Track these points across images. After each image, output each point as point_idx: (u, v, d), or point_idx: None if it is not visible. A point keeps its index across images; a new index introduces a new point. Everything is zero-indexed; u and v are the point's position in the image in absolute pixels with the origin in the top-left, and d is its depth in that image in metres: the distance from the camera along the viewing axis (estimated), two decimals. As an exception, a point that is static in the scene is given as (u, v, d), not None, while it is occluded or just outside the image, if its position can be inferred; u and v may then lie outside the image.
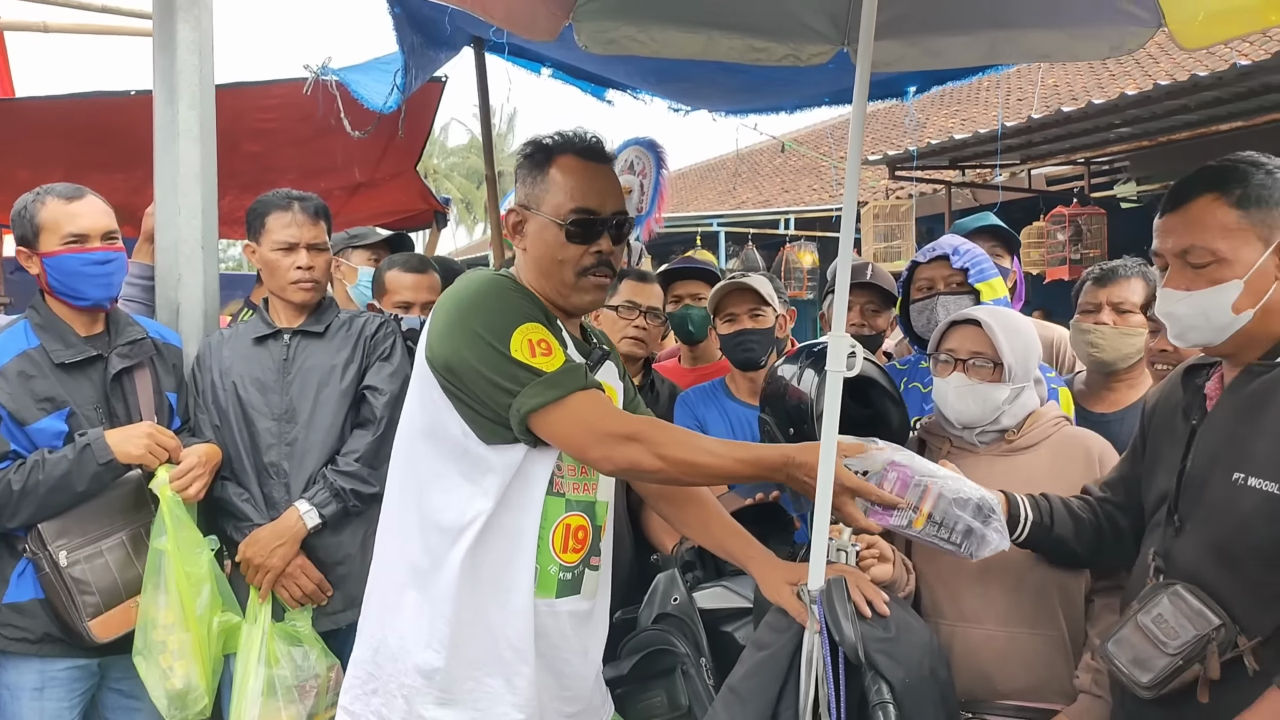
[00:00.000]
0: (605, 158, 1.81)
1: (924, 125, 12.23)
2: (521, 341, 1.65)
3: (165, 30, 2.48)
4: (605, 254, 1.76)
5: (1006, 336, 1.98)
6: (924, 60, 2.60)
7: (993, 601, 1.91)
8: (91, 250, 2.20)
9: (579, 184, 1.75)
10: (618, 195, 1.80)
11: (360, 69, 3.94)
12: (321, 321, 2.46)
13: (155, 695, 2.15)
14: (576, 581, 1.78)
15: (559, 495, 1.74)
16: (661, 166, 4.81)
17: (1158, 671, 1.52)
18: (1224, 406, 1.59)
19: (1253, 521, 1.48)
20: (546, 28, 2.36)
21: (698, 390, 2.88)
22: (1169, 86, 6.33)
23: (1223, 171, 1.56)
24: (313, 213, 2.45)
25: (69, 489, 2.10)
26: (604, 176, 1.79)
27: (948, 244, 2.53)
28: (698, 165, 19.87)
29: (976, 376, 1.99)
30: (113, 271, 2.24)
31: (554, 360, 1.65)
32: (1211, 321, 1.55)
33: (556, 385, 1.63)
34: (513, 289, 1.74)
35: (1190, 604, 1.51)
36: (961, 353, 2.02)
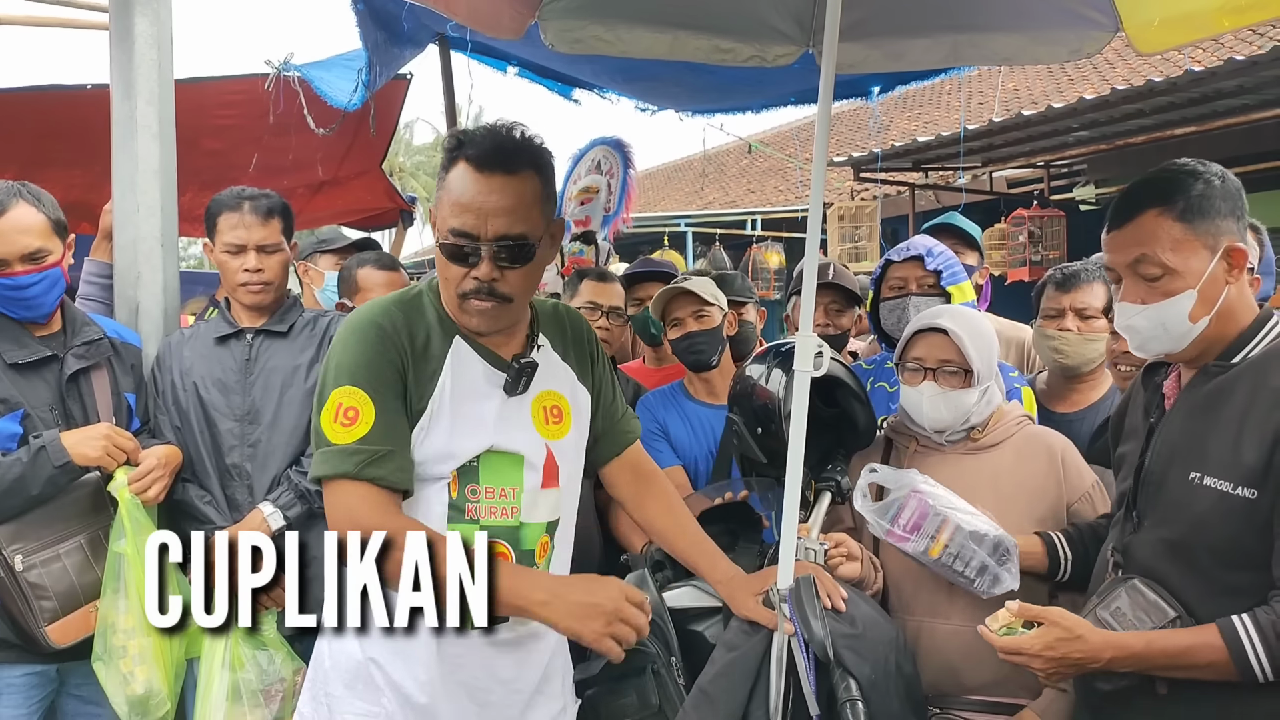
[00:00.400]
0: (511, 166, 1.56)
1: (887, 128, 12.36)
2: (333, 404, 1.59)
3: (123, 24, 2.43)
4: (485, 281, 1.58)
5: (973, 341, 2.01)
6: (887, 63, 2.64)
7: (959, 597, 1.93)
8: (10, 275, 2.11)
9: (462, 200, 1.56)
10: (511, 215, 1.55)
11: (323, 65, 3.91)
12: (285, 321, 2.43)
13: (116, 701, 2.10)
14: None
15: (471, 521, 1.64)
16: (629, 166, 4.82)
17: None
18: (1181, 406, 1.63)
19: (1208, 519, 1.51)
20: (511, 26, 2.35)
21: (658, 393, 2.89)
22: (1125, 91, 6.46)
23: (1164, 184, 1.58)
24: (264, 212, 2.40)
25: (23, 492, 2.05)
26: (498, 191, 1.55)
27: (922, 245, 2.55)
28: (665, 165, 19.91)
29: (947, 384, 2.02)
30: (37, 294, 2.14)
31: (351, 433, 1.57)
32: (1170, 332, 1.58)
33: (329, 463, 1.57)
34: (372, 333, 1.61)
35: (1147, 597, 1.54)
36: (930, 361, 2.04)
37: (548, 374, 1.76)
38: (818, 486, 2.08)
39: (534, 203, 1.59)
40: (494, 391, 1.68)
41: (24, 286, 2.12)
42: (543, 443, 1.71)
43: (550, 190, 1.65)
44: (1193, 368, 1.63)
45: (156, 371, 2.38)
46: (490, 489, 1.65)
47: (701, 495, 2.40)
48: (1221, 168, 1.59)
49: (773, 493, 2.14)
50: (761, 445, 2.12)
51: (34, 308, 2.16)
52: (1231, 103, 6.45)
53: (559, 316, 1.85)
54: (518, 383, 1.67)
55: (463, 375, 1.66)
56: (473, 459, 1.65)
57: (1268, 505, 1.45)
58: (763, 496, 2.21)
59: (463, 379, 1.66)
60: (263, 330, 2.40)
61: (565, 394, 1.76)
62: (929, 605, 1.98)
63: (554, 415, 1.74)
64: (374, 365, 1.60)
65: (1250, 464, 1.47)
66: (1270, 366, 1.52)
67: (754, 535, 2.21)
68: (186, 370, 2.34)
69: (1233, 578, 1.50)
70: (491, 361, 1.68)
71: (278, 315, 2.43)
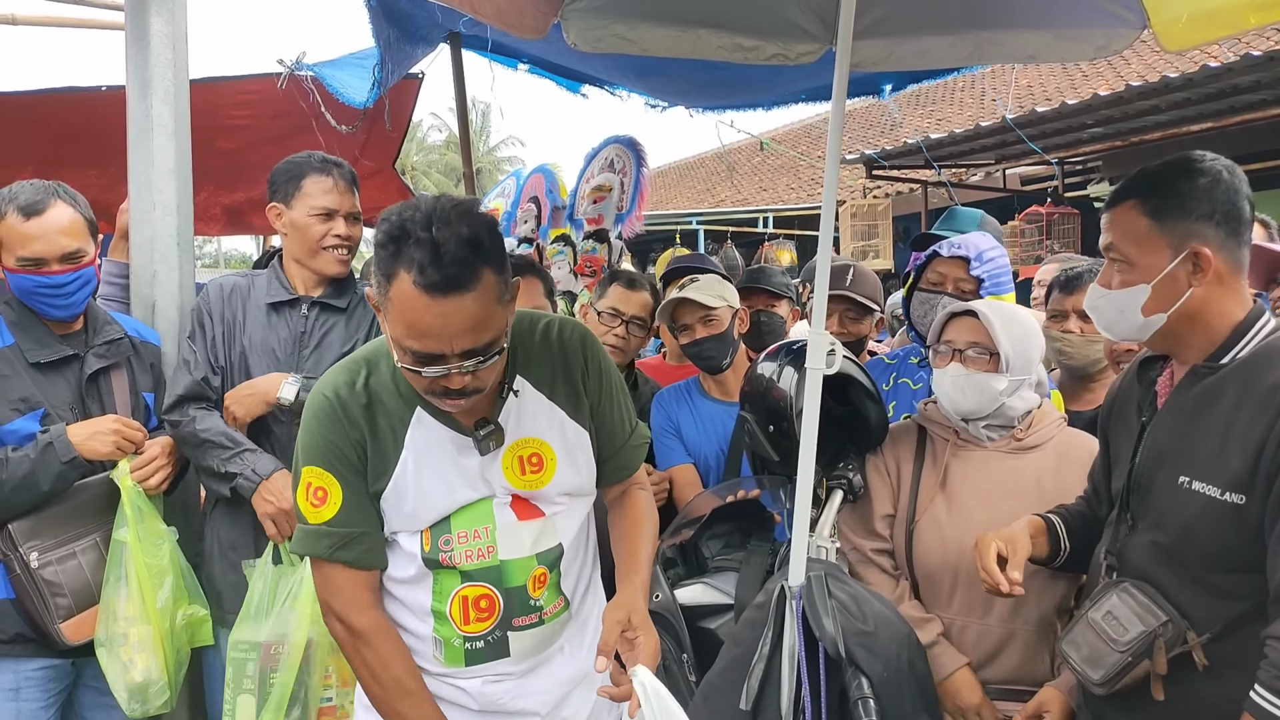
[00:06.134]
0: (463, 283, 1.37)
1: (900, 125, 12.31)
2: (304, 484, 1.59)
3: (138, 23, 2.44)
4: (455, 389, 1.47)
5: (1004, 326, 1.99)
6: (910, 60, 2.62)
7: (999, 600, 1.92)
8: (46, 274, 2.11)
9: (419, 325, 1.40)
10: (476, 330, 1.41)
11: (336, 64, 3.92)
12: (343, 296, 2.37)
13: (116, 688, 2.10)
14: (496, 647, 1.64)
15: (448, 568, 1.61)
16: (641, 165, 4.83)
17: (1109, 668, 1.54)
18: (1172, 406, 1.61)
19: (1197, 525, 1.50)
20: (535, 25, 2.36)
21: (671, 390, 2.89)
22: (1141, 87, 6.41)
23: (1150, 178, 1.60)
24: (350, 180, 2.38)
25: (33, 488, 2.06)
26: (456, 313, 1.38)
27: (974, 246, 2.45)
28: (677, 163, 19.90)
29: (973, 366, 2.00)
30: (72, 292, 2.15)
31: (321, 514, 1.58)
32: (1127, 320, 1.61)
33: (304, 543, 1.61)
34: (327, 415, 1.57)
35: (1139, 600, 1.54)
36: (959, 343, 2.02)
37: (526, 420, 1.64)
38: (829, 484, 2.08)
39: (493, 304, 1.43)
40: (466, 455, 1.61)
41: (61, 285, 2.13)
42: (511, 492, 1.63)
43: (503, 271, 1.45)
44: (1183, 365, 1.63)
45: (206, 317, 2.31)
46: (463, 533, 1.61)
47: (712, 493, 2.40)
48: (1233, 167, 1.58)
49: (784, 491, 2.14)
50: (773, 443, 2.11)
51: (68, 307, 2.17)
52: (1249, 98, 6.40)
53: (548, 346, 1.69)
54: (486, 445, 1.59)
55: (425, 449, 1.60)
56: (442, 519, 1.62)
57: (1257, 511, 1.43)
58: (774, 494, 2.21)
59: (426, 453, 1.60)
60: (319, 302, 2.35)
61: (550, 439, 1.66)
62: (966, 604, 1.97)
63: (532, 464, 1.64)
64: (335, 447, 1.57)
65: (1237, 469, 1.45)
66: (1257, 368, 1.50)
67: (765, 533, 2.22)
68: (234, 328, 2.29)
69: (1224, 581, 1.49)
70: (456, 428, 1.60)
71: (336, 288, 2.38)
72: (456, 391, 1.47)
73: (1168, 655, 1.50)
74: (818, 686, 1.70)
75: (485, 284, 1.41)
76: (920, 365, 2.60)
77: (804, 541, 1.80)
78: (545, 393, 1.66)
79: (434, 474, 1.59)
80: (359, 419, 1.57)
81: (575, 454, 1.68)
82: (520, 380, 1.64)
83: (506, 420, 1.62)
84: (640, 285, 3.06)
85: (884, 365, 2.69)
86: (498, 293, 1.44)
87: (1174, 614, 1.50)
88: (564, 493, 1.68)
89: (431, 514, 1.61)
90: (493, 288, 1.42)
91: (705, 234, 12.06)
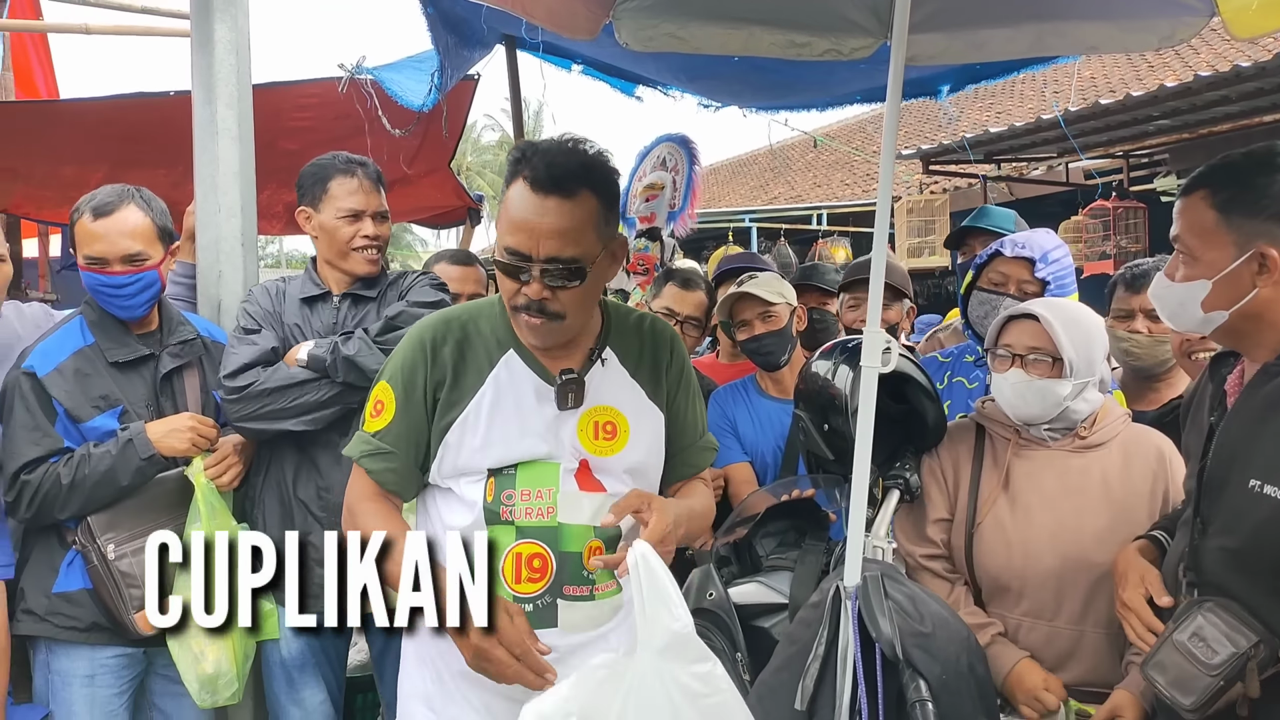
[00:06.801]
0: (567, 188, 1.54)
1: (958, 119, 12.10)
2: (373, 394, 1.72)
3: (203, 30, 2.51)
4: (535, 299, 1.58)
5: (1066, 330, 1.93)
6: (967, 53, 2.57)
7: (1068, 601, 1.90)
8: (109, 274, 2.18)
9: (517, 219, 1.56)
10: (563, 237, 1.54)
11: (394, 67, 3.99)
12: (372, 286, 2.42)
13: (187, 678, 2.17)
14: (544, 613, 1.65)
15: (507, 523, 1.65)
16: (694, 162, 4.82)
17: (1200, 693, 1.47)
18: (1242, 406, 1.56)
19: (1267, 530, 1.44)
20: (587, 26, 2.37)
21: (728, 388, 2.88)
22: (1210, 77, 6.20)
23: (1227, 168, 1.54)
24: (376, 179, 2.41)
25: (113, 483, 2.14)
26: (552, 213, 1.54)
27: (1039, 246, 2.38)
28: (730, 161, 19.81)
29: (1035, 372, 1.94)
30: (131, 294, 2.21)
31: (374, 424, 1.70)
32: (1188, 313, 1.57)
33: (352, 445, 1.72)
34: (417, 342, 1.69)
35: (1226, 620, 1.47)
36: (1019, 348, 1.97)
37: (606, 388, 1.73)
38: (886, 484, 2.06)
39: (588, 225, 1.57)
40: (545, 405, 1.68)
41: (119, 286, 2.19)
42: (581, 456, 1.68)
43: (610, 211, 1.63)
44: (1255, 363, 1.57)
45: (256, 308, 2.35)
46: (526, 491, 1.66)
47: (767, 492, 2.39)
48: None
49: (839, 490, 2.13)
50: (828, 442, 2.10)
51: (127, 308, 2.23)
52: (1326, 87, 6.16)
53: (640, 330, 1.80)
54: (565, 398, 1.67)
55: (508, 388, 1.68)
56: (509, 467, 1.66)
57: None
58: (829, 493, 2.19)
59: (507, 392, 1.68)
60: (350, 294, 2.41)
61: (625, 411, 1.73)
62: (1033, 607, 1.94)
63: (606, 431, 1.71)
64: (410, 375, 1.68)
65: None
66: None
67: (821, 532, 2.20)
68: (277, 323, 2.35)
69: None
70: (543, 376, 1.70)
71: (365, 281, 2.42)
72: (536, 305, 1.58)
73: (1261, 677, 1.43)
74: (874, 688, 1.68)
75: (584, 201, 1.56)
76: (976, 364, 2.55)
77: (860, 541, 1.78)
78: (629, 369, 1.76)
79: (509, 414, 1.67)
80: (446, 357, 1.68)
81: (647, 432, 1.75)
82: (609, 351, 1.75)
83: (590, 384, 1.70)
84: (695, 285, 3.06)
85: (938, 364, 2.64)
86: (595, 218, 1.58)
87: (1264, 633, 1.43)
88: (630, 469, 1.72)
89: (496, 453, 1.66)
90: (591, 210, 1.57)
91: (758, 231, 11.98)
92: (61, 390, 2.15)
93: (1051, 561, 1.91)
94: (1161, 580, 1.67)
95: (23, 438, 2.13)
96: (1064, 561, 1.91)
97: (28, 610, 2.17)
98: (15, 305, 2.43)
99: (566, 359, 1.70)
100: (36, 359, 2.17)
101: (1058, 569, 1.91)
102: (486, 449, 1.66)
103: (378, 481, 1.69)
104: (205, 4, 2.50)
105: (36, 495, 2.10)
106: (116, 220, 2.18)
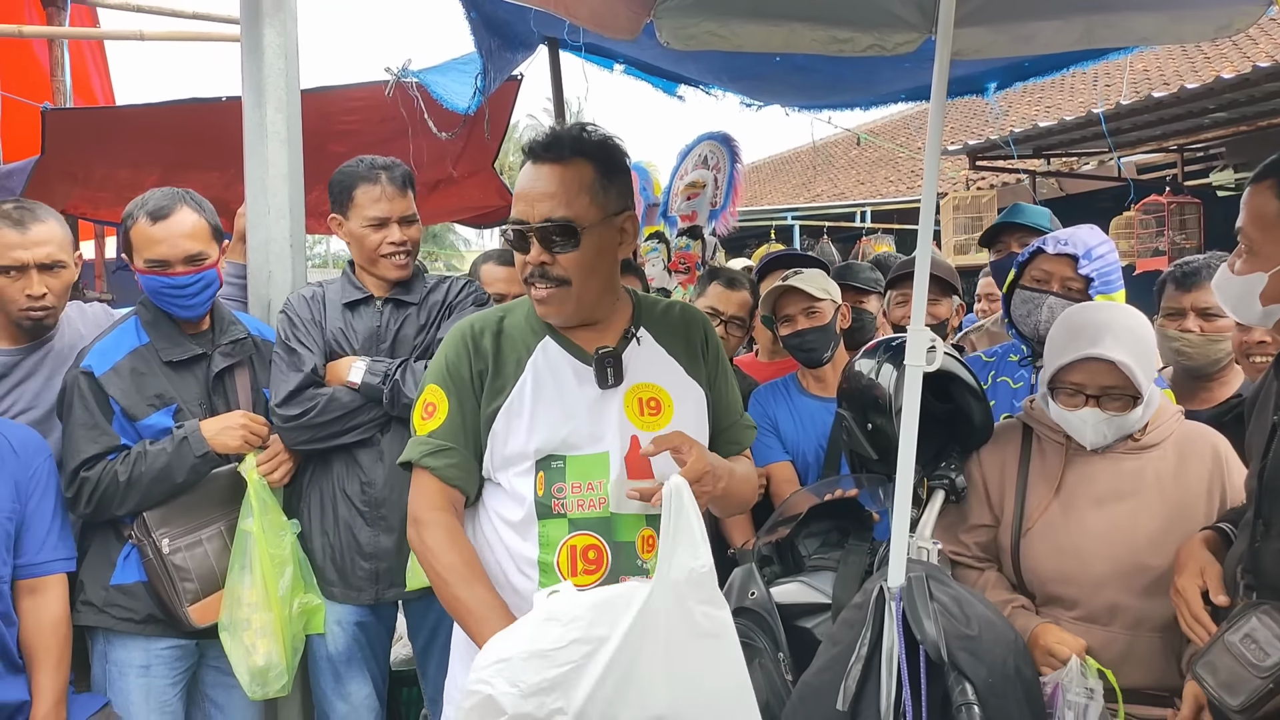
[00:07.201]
0: (559, 154, 1.63)
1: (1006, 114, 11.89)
2: (421, 401, 1.76)
3: (253, 35, 2.56)
4: (535, 264, 1.65)
5: (1141, 365, 1.87)
6: (1014, 46, 2.52)
7: (1126, 606, 1.86)
8: (171, 275, 2.23)
9: (518, 191, 1.67)
10: (554, 199, 1.62)
11: (438, 70, 4.03)
12: (413, 290, 2.46)
13: (239, 670, 2.22)
14: None
15: (559, 516, 1.67)
16: (736, 160, 4.81)
17: (1248, 694, 1.46)
18: None
19: None
20: (628, 26, 2.38)
21: (768, 386, 2.87)
22: (1269, 68, 6.02)
23: None
24: (401, 183, 2.43)
25: (169, 480, 2.19)
26: (544, 178, 1.64)
27: (1082, 243, 2.32)
28: (772, 158, 19.69)
29: (1113, 410, 1.90)
30: (194, 293, 2.26)
31: (426, 426, 1.73)
32: (1248, 307, 1.55)
33: (408, 450, 1.74)
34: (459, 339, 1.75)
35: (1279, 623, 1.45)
36: (1092, 388, 1.91)
37: (645, 366, 1.76)
38: (930, 484, 2.04)
39: (582, 189, 1.63)
40: (586, 386, 1.71)
41: (183, 286, 2.25)
42: (630, 432, 1.70)
43: (611, 181, 1.67)
44: None
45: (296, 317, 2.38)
46: (576, 484, 1.68)
47: (810, 491, 2.38)
48: None
49: (883, 490, 2.11)
50: (871, 441, 2.08)
51: (191, 307, 2.29)
52: (1392, 77, 5.95)
53: (669, 313, 1.86)
54: (604, 374, 1.70)
55: (546, 373, 1.71)
56: (557, 458, 1.68)
57: None
58: (873, 493, 2.17)
59: (546, 377, 1.71)
60: (391, 299, 2.44)
61: (667, 387, 1.76)
62: (1088, 611, 1.90)
63: (651, 407, 1.74)
64: (455, 369, 1.73)
65: None
66: None
67: (864, 533, 2.18)
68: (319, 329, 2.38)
69: None
70: (579, 357, 1.72)
71: (404, 285, 2.46)
72: (538, 271, 1.64)
73: None
74: (918, 690, 1.66)
75: (576, 166, 1.64)
76: (1021, 364, 2.51)
77: (904, 541, 1.77)
78: (665, 347, 1.80)
79: (551, 398, 1.70)
80: (487, 348, 1.73)
81: (690, 407, 1.78)
82: (643, 331, 1.79)
83: (628, 362, 1.73)
84: (740, 284, 3.05)
85: (982, 363, 2.60)
86: (589, 183, 1.64)
87: None
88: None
89: (542, 437, 1.68)
90: (584, 175, 1.64)
91: (801, 229, 11.90)
92: (118, 389, 2.21)
93: (1104, 566, 1.88)
94: (1220, 577, 1.64)
95: (82, 435, 2.19)
96: (1117, 565, 1.87)
97: (86, 601, 2.23)
98: (78, 305, 2.51)
99: (600, 340, 1.74)
100: (94, 358, 2.23)
101: (1111, 573, 1.88)
102: (532, 434, 1.68)
103: (443, 479, 1.70)
104: (255, 9, 2.54)
105: (95, 491, 2.16)
106: (174, 223, 2.23)
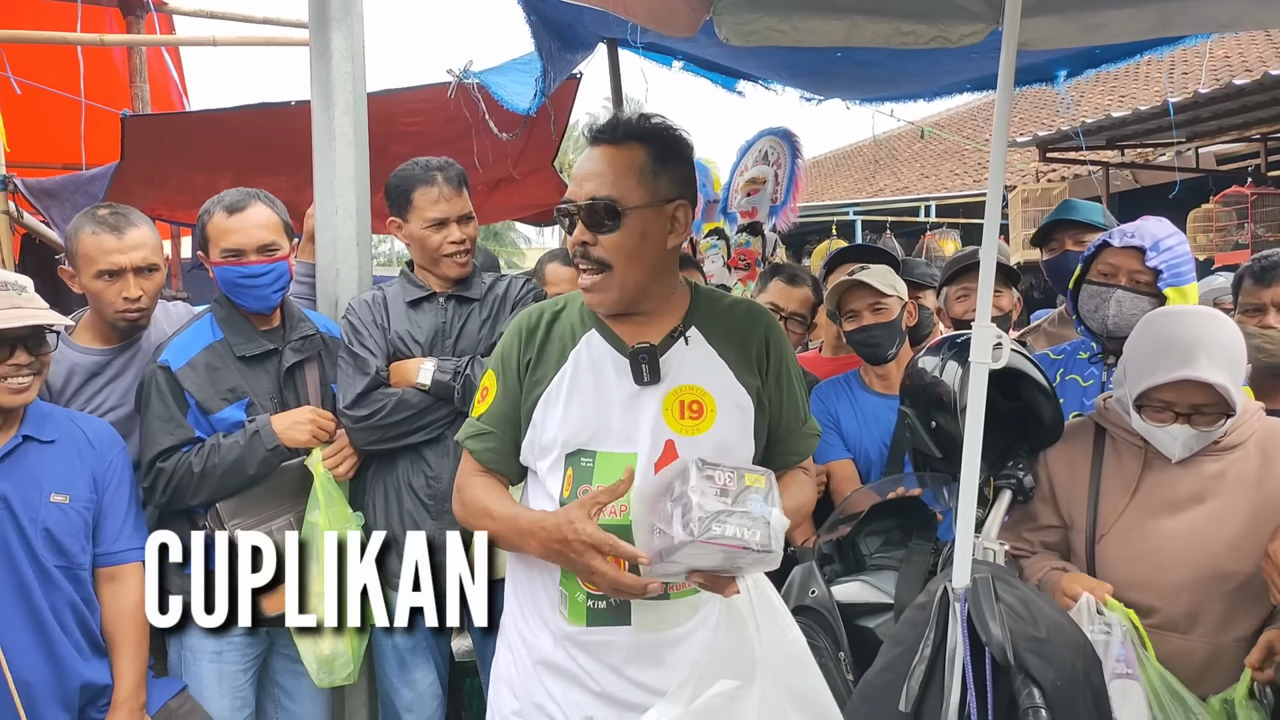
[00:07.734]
0: (612, 137, 1.65)
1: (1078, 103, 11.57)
2: (480, 385, 1.81)
3: (321, 39, 2.62)
4: (578, 244, 1.66)
5: (1235, 383, 1.82)
6: (1084, 36, 2.43)
7: (1204, 614, 1.81)
8: (245, 264, 2.31)
9: (573, 173, 1.69)
10: (600, 178, 1.63)
11: (499, 71, 4.08)
12: (473, 287, 2.50)
13: (306, 659, 2.28)
14: (618, 610, 1.64)
15: None
16: (796, 155, 4.77)
17: None
18: None
19: None
20: (687, 23, 2.37)
21: (830, 383, 2.84)
22: (1360, 51, 5.76)
23: None
24: (456, 182, 2.47)
25: (241, 472, 2.26)
26: (595, 159, 1.65)
27: (1150, 234, 2.25)
28: (834, 153, 19.49)
29: (1205, 425, 1.85)
30: (267, 284, 2.34)
31: (479, 409, 1.78)
32: None
33: (461, 430, 1.81)
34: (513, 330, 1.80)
35: None
36: (1182, 406, 1.85)
37: (691, 366, 1.70)
38: (997, 484, 1.99)
39: (629, 170, 1.63)
40: (624, 381, 1.68)
41: (257, 276, 2.33)
42: (666, 436, 1.65)
43: (664, 167, 1.65)
44: None
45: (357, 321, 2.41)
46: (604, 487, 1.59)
47: (872, 489, 2.35)
48: None
49: (947, 489, 2.07)
50: (935, 439, 2.04)
51: (263, 298, 2.37)
52: None
53: (731, 312, 1.79)
54: (640, 370, 1.66)
55: (587, 365, 1.71)
56: (587, 453, 1.66)
57: None
58: (937, 492, 2.14)
59: (586, 368, 1.70)
60: (454, 295, 2.48)
61: (712, 390, 1.70)
62: (1167, 619, 1.85)
63: (693, 410, 1.68)
64: (507, 358, 1.77)
65: None
66: None
67: (928, 532, 2.15)
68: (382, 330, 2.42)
69: None
70: (621, 350, 1.71)
71: (464, 282, 2.50)
72: (580, 250, 1.65)
73: None
74: (984, 693, 1.63)
75: (628, 149, 1.64)
76: (1090, 361, 2.44)
77: (969, 541, 1.73)
78: (716, 349, 1.74)
79: (588, 390, 1.69)
80: (537, 337, 1.76)
81: (735, 414, 1.72)
82: (694, 330, 1.74)
83: (672, 362, 1.70)
84: (801, 281, 3.03)
85: (1050, 360, 2.53)
86: (639, 165, 1.63)
87: None
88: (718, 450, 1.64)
89: (573, 427, 1.67)
90: (635, 157, 1.63)
91: (863, 224, 11.76)
92: (193, 383, 2.29)
93: (1183, 572, 1.82)
94: None
95: (158, 428, 2.27)
96: (1196, 571, 1.82)
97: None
98: (162, 305, 2.60)
99: (645, 334, 1.71)
100: (171, 354, 2.31)
101: (1190, 579, 1.82)
102: (564, 423, 1.68)
103: (479, 461, 1.77)
104: (323, 14, 2.60)
105: (170, 482, 2.24)
106: (249, 215, 2.33)
